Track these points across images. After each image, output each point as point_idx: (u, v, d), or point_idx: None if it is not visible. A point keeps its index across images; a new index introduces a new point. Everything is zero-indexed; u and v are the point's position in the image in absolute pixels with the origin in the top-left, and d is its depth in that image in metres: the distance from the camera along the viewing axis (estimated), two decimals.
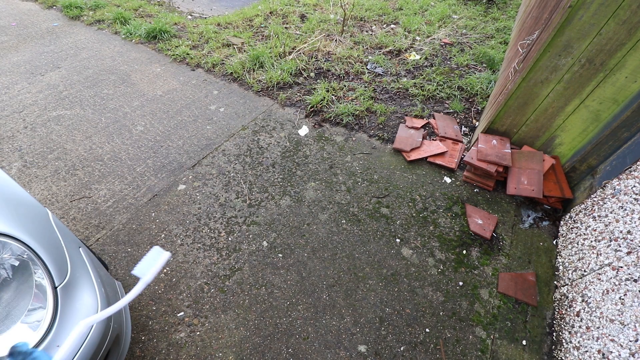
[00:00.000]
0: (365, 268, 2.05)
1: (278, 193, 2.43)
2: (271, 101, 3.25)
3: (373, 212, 2.34)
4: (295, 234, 2.19)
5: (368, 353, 1.72)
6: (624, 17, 1.75)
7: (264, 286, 1.93)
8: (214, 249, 2.08)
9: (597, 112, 2.11)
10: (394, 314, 1.86)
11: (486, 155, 2.40)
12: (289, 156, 2.71)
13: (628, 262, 1.59)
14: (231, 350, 1.69)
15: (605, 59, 1.91)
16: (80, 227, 2.14)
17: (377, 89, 3.45)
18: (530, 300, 1.92)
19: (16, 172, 2.43)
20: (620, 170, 1.95)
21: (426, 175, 2.61)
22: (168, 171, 2.53)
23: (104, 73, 3.47)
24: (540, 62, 2.08)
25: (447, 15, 4.89)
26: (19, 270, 1.04)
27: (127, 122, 2.92)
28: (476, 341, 1.78)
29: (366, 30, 4.47)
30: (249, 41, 4.01)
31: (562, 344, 1.73)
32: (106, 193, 2.35)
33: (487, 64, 3.78)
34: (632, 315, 1.44)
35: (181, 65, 3.67)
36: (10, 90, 3.16)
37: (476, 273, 2.05)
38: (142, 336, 1.72)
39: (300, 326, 1.79)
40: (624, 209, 1.76)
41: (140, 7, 4.79)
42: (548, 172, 2.37)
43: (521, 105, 2.32)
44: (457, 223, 2.30)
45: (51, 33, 4.08)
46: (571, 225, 2.17)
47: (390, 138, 2.90)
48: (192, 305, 1.84)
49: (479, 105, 3.25)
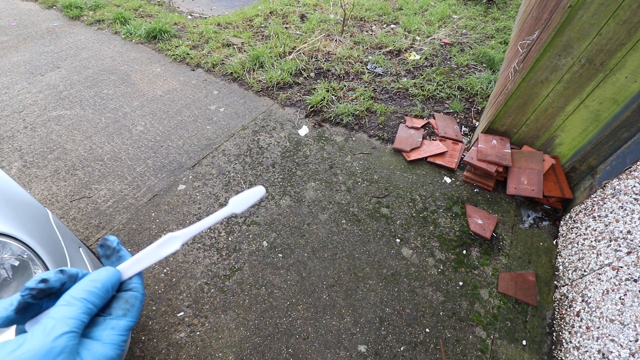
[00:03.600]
0: (365, 268, 2.05)
1: (278, 193, 2.43)
2: (271, 101, 3.25)
3: (373, 212, 2.34)
4: (295, 234, 2.19)
5: (368, 353, 1.71)
6: (624, 17, 1.75)
7: (264, 286, 1.93)
8: (214, 249, 2.08)
9: (597, 112, 2.11)
10: (394, 314, 1.86)
11: (486, 155, 2.40)
12: (289, 156, 2.71)
13: (628, 262, 1.59)
14: (231, 350, 1.69)
15: (605, 59, 1.91)
16: (80, 227, 2.14)
17: (377, 89, 3.45)
18: (530, 300, 1.92)
19: (16, 172, 2.43)
20: (620, 170, 1.95)
21: (426, 175, 2.61)
22: (168, 171, 2.53)
23: (104, 73, 3.47)
24: (540, 62, 2.08)
25: (447, 15, 4.89)
26: (19, 270, 1.04)
27: (127, 122, 2.92)
28: (476, 341, 1.78)
29: (366, 30, 4.47)
30: (249, 41, 4.01)
31: (562, 344, 1.73)
32: (106, 193, 2.35)
33: (487, 64, 3.78)
34: (632, 315, 1.44)
35: (181, 65, 3.67)
36: (10, 90, 3.16)
37: (476, 273, 2.05)
38: (142, 336, 1.72)
39: (300, 326, 1.79)
40: (624, 209, 1.76)
41: (140, 7, 4.79)
42: (548, 172, 2.37)
43: (521, 105, 2.32)
44: (457, 223, 2.30)
45: (51, 33, 4.08)
46: (571, 225, 2.17)
47: (390, 138, 2.90)
48: (192, 305, 1.84)
49: (479, 105, 3.25)
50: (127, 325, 0.41)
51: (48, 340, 0.33)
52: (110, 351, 0.37)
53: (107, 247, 0.46)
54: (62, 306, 0.37)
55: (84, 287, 0.39)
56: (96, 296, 0.39)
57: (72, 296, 0.38)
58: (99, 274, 0.41)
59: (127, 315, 0.41)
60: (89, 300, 0.38)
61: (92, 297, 0.38)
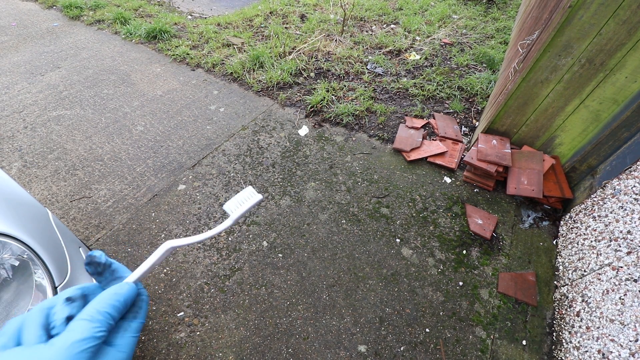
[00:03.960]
0: (365, 268, 2.05)
1: (278, 193, 2.43)
2: (271, 101, 3.25)
3: (373, 212, 2.34)
4: (295, 234, 2.19)
5: (368, 353, 1.71)
6: (624, 17, 1.75)
7: (264, 286, 1.93)
8: (214, 249, 2.08)
9: (597, 112, 2.11)
10: (394, 314, 1.86)
11: (486, 155, 2.40)
12: (289, 156, 2.71)
13: (628, 262, 1.59)
14: (231, 350, 1.69)
15: (605, 59, 1.91)
16: (80, 227, 2.14)
17: (377, 89, 3.45)
18: (530, 300, 1.92)
19: (16, 172, 2.43)
20: (620, 170, 1.95)
21: (426, 175, 2.61)
22: (168, 171, 2.53)
23: (104, 73, 3.47)
24: (540, 62, 2.08)
25: (447, 15, 4.89)
26: (19, 270, 1.04)
27: (127, 122, 2.92)
28: (476, 341, 1.78)
29: (366, 30, 4.47)
30: (249, 41, 4.01)
31: (562, 344, 1.73)
32: (106, 193, 2.35)
33: (487, 64, 3.78)
34: (632, 315, 1.44)
35: (181, 65, 3.67)
36: (10, 90, 3.16)
37: (476, 273, 2.05)
38: (142, 336, 1.72)
39: (300, 326, 1.79)
40: (624, 209, 1.76)
41: (140, 7, 4.79)
42: (548, 172, 2.37)
43: (521, 105, 2.32)
44: (457, 223, 2.30)
45: (51, 33, 4.08)
46: (571, 225, 2.17)
47: (390, 138, 2.90)
48: (192, 305, 1.84)
49: (479, 105, 3.25)
50: (138, 327, 0.43)
51: (68, 356, 0.34)
52: (123, 354, 0.39)
53: (97, 264, 0.45)
54: (85, 321, 0.37)
55: (108, 301, 0.40)
56: (118, 311, 0.40)
57: (96, 310, 0.38)
58: (122, 287, 0.42)
59: (137, 317, 0.43)
60: (111, 314, 0.39)
61: (115, 312, 0.40)
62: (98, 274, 0.45)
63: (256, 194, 0.59)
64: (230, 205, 0.57)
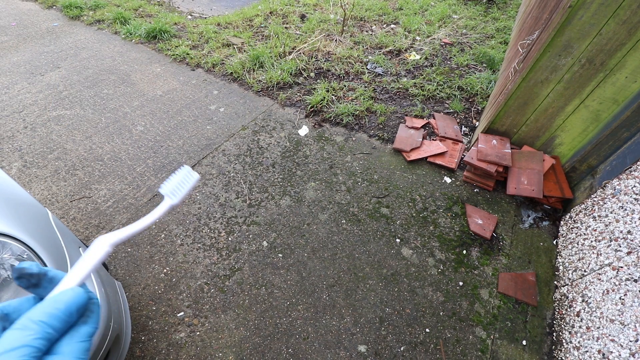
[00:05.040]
0: (365, 268, 2.04)
1: (278, 193, 2.43)
2: (271, 101, 3.25)
3: (373, 212, 2.34)
4: (295, 234, 2.19)
5: (368, 353, 1.71)
6: (624, 17, 1.75)
7: (264, 286, 1.93)
8: (214, 249, 2.08)
9: (597, 112, 2.11)
10: (394, 314, 1.86)
11: (486, 155, 2.40)
12: (289, 156, 2.71)
13: (628, 262, 1.59)
14: (231, 350, 1.69)
15: (605, 59, 1.91)
16: (80, 227, 2.14)
17: (377, 89, 3.45)
18: (530, 300, 1.92)
19: (16, 172, 2.43)
20: (620, 170, 1.95)
21: (426, 175, 2.61)
22: (168, 171, 2.53)
23: (104, 73, 3.47)
24: (540, 62, 2.08)
25: (447, 15, 4.89)
26: None
27: (127, 122, 2.92)
28: (476, 341, 1.78)
29: (366, 30, 4.47)
30: (249, 41, 4.01)
31: (562, 344, 1.73)
32: (106, 193, 2.35)
33: (487, 64, 3.77)
34: (632, 315, 1.44)
35: (181, 65, 3.67)
36: (10, 90, 3.16)
37: (476, 273, 2.05)
38: (142, 336, 1.72)
39: (300, 326, 1.79)
40: (624, 209, 1.76)
41: (140, 7, 4.79)
42: (548, 172, 2.37)
43: (521, 105, 2.32)
44: (457, 223, 2.30)
45: (51, 33, 4.08)
46: (571, 225, 2.16)
47: (390, 138, 2.90)
48: (192, 305, 1.84)
49: (479, 105, 3.25)
50: (88, 332, 0.38)
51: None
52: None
53: (29, 276, 0.39)
54: (16, 330, 0.33)
55: (44, 309, 0.35)
56: (58, 319, 0.35)
57: (30, 319, 0.34)
58: (64, 294, 0.38)
59: (88, 322, 0.39)
60: (48, 323, 0.35)
61: (53, 321, 0.35)
62: (34, 286, 0.40)
63: (193, 173, 0.55)
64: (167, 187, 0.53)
